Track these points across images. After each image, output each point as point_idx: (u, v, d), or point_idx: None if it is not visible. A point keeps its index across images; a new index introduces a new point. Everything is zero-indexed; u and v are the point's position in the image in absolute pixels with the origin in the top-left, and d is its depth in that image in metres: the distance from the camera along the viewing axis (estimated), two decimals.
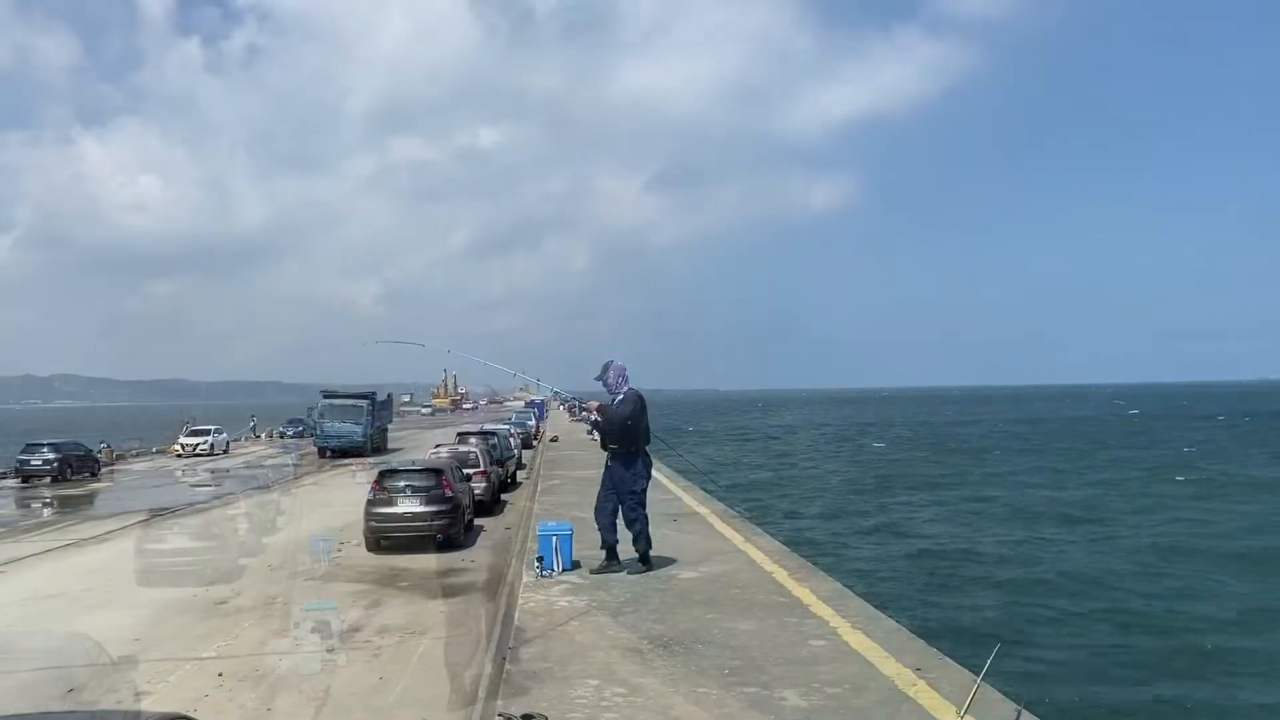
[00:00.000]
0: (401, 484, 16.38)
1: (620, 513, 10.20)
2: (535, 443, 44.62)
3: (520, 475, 30.05)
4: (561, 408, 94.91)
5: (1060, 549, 23.80)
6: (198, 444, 44.76)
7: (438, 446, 25.12)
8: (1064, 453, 55.54)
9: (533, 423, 53.55)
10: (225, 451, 46.09)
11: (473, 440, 25.33)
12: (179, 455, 44.23)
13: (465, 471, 19.43)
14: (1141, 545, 24.06)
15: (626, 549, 10.46)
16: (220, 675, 9.17)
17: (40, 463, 32.80)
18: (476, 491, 19.84)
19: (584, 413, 10.48)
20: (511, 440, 30.95)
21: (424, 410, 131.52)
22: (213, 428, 47.66)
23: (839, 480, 42.08)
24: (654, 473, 10.65)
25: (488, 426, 32.65)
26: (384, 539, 16.29)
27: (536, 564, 10.19)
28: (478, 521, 19.08)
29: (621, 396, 10.06)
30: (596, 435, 10.91)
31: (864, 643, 6.95)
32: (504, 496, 24.04)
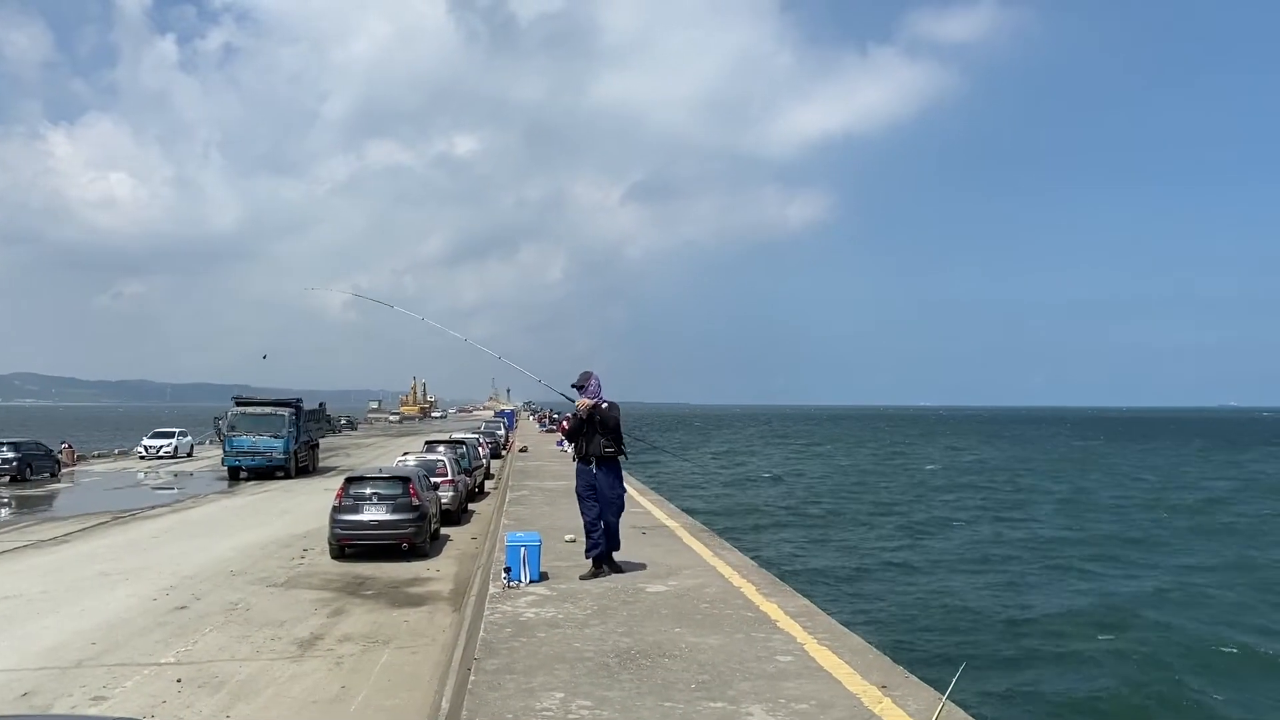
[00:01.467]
0: (368, 491, 16.25)
1: (603, 519, 10.23)
2: (504, 453, 44.44)
3: (488, 485, 29.92)
4: (532, 418, 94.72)
5: (1031, 573, 23.99)
6: (161, 446, 44.35)
7: (405, 454, 24.96)
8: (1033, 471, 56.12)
9: (502, 432, 53.34)
10: (189, 455, 45.66)
11: (441, 449, 25.23)
12: (141, 458, 43.80)
13: (433, 480, 19.34)
14: (1118, 572, 24.29)
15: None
16: (179, 681, 9.02)
17: None
18: (444, 501, 19.74)
19: (577, 408, 10.43)
20: (480, 450, 30.83)
21: (392, 417, 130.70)
22: (176, 430, 47.23)
23: (809, 499, 42.19)
24: (624, 485, 10.70)
25: (456, 435, 32.47)
26: (349, 546, 16.15)
27: (504, 575, 10.11)
28: (444, 531, 18.97)
29: (605, 404, 10.21)
30: (569, 447, 10.88)
31: (831, 659, 6.95)
32: (471, 506, 23.94)
